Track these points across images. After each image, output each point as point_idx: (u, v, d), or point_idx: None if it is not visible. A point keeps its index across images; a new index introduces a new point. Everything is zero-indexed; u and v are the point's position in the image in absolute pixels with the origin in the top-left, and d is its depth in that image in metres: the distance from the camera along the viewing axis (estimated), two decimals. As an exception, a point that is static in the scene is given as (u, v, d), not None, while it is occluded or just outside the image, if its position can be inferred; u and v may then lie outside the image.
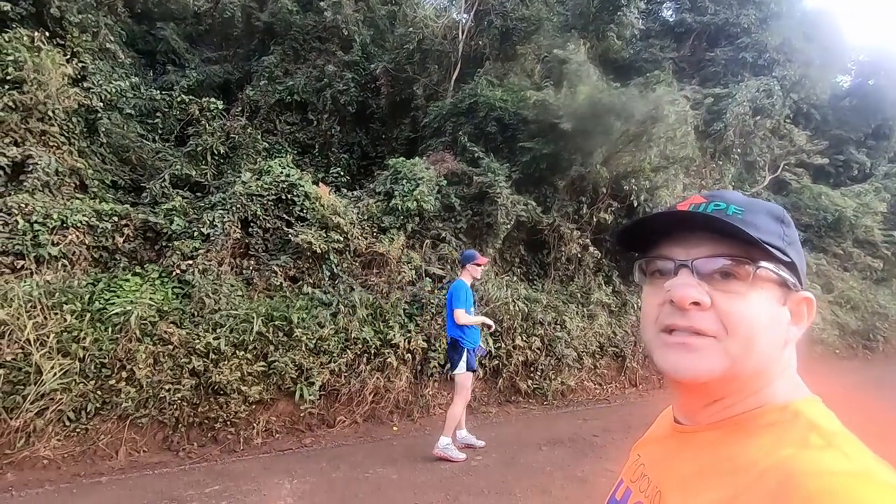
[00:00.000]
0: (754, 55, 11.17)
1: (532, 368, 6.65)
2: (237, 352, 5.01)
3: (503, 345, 6.47)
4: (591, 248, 7.93)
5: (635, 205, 7.91)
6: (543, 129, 7.60)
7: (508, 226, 7.11)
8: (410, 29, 9.59)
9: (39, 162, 5.48)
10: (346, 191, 7.32)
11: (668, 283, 0.65)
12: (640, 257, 0.72)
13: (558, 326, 7.03)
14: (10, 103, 5.46)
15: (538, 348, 6.70)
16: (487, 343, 6.28)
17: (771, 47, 11.19)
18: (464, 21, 9.87)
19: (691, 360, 0.62)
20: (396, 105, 9.87)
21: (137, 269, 5.39)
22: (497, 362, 6.39)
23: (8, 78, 5.48)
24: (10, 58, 5.50)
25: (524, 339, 6.64)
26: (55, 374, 4.23)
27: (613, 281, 8.30)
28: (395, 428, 5.40)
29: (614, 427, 5.63)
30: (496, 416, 5.98)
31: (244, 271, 5.82)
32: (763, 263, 0.62)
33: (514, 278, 7.44)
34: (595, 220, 7.99)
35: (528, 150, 7.72)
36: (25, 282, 4.62)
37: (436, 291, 6.42)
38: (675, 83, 8.93)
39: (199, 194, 6.83)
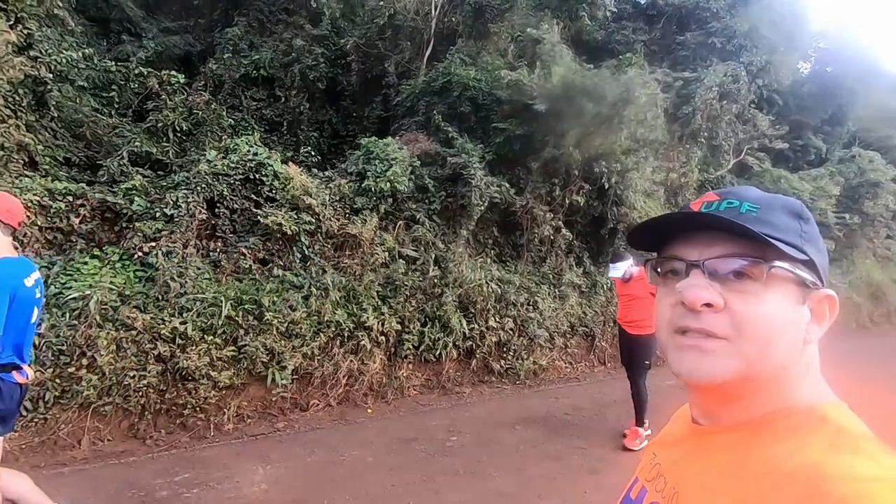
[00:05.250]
0: (723, 40, 11.36)
1: (505, 349, 6.74)
2: (205, 336, 4.87)
3: (476, 326, 6.52)
4: (564, 230, 8.02)
5: (606, 187, 8.01)
6: (517, 110, 7.55)
7: (482, 207, 7.09)
8: (381, 3, 9.30)
9: (-17, 137, 5.10)
10: (316, 171, 7.12)
11: (679, 284, 0.64)
12: (649, 258, 0.70)
13: (531, 307, 7.13)
14: (-53, 72, 5.03)
15: (511, 329, 6.79)
16: (461, 324, 6.32)
17: (739, 33, 11.39)
18: (437, -3, 9.63)
19: (704, 362, 0.61)
20: (368, 82, 9.61)
21: (96, 252, 5.12)
22: (471, 343, 6.44)
23: (-57, 44, 5.04)
24: (-55, 22, 5.04)
25: (497, 319, 6.71)
26: (9, 362, 4.01)
27: (584, 262, 8.44)
28: (369, 410, 5.40)
29: (585, 405, 5.80)
30: (469, 397, 6.05)
31: (211, 254, 5.62)
32: (777, 263, 0.60)
33: (488, 260, 7.47)
34: (567, 202, 8.06)
35: (501, 130, 7.67)
36: (-28, 265, 4.32)
37: (409, 273, 6.38)
38: (647, 66, 9.00)
39: (160, 173, 6.51)
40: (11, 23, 6.06)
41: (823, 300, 0.64)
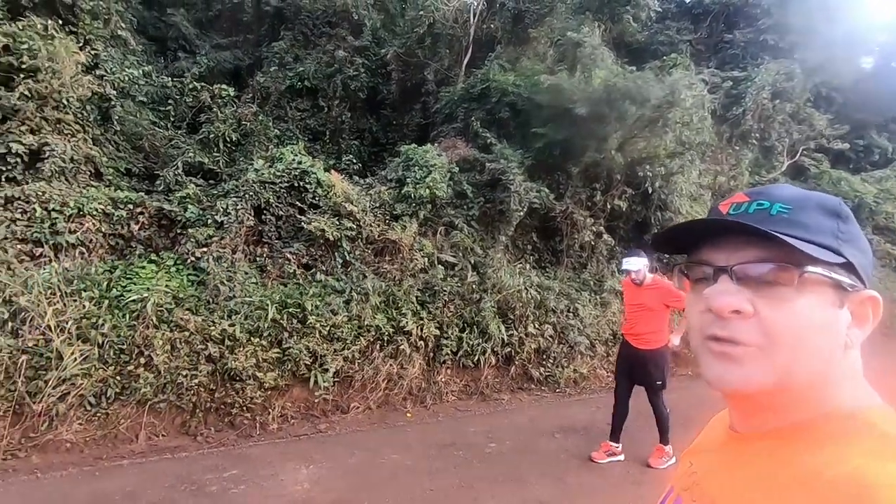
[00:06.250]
0: (775, 37, 10.87)
1: (544, 356, 6.64)
2: (252, 338, 5.06)
3: (515, 332, 6.46)
4: (605, 236, 7.86)
5: (650, 191, 7.80)
6: (557, 115, 7.47)
7: (521, 213, 7.05)
8: (421, 12, 9.43)
9: (55, 150, 5.51)
10: (357, 178, 7.29)
11: (707, 290, 0.62)
12: (676, 262, 0.69)
13: (571, 314, 7.01)
14: (26, 92, 5.48)
15: (550, 336, 6.69)
16: (500, 330, 6.28)
17: (793, 29, 10.86)
18: (475, 4, 9.69)
19: (735, 371, 0.59)
20: (407, 91, 9.77)
21: (153, 257, 5.43)
22: (509, 350, 6.39)
23: (23, 66, 5.49)
24: (25, 46, 5.50)
25: (536, 326, 6.62)
26: (75, 359, 4.30)
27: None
28: (408, 414, 5.45)
29: (631, 414, 5.62)
30: (508, 404, 6.00)
31: (258, 259, 5.85)
32: (810, 268, 0.57)
33: (527, 266, 7.40)
34: (609, 207, 7.90)
35: (541, 135, 7.61)
36: (44, 269, 4.68)
37: (448, 279, 6.41)
38: (693, 66, 8.73)
39: (211, 182, 6.84)
40: (81, 44, 6.53)
41: (865, 302, 0.61)
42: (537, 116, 7.83)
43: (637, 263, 4.23)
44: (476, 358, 6.14)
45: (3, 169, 5.33)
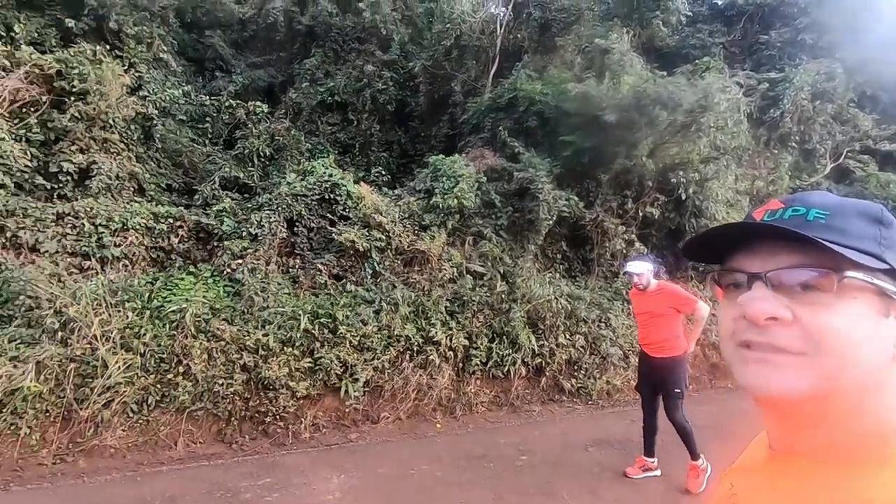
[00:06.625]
0: (814, 36, 10.47)
1: (576, 367, 6.52)
2: (285, 348, 5.16)
3: (546, 343, 6.37)
4: (637, 244, 7.69)
5: (683, 198, 7.60)
6: (585, 122, 7.40)
7: (550, 221, 6.98)
8: (448, 25, 9.56)
9: (102, 168, 5.81)
10: (386, 189, 7.39)
11: (740, 297, 0.60)
12: (706, 269, 0.67)
13: (602, 324, 6.86)
14: (76, 114, 5.82)
15: (582, 346, 6.56)
16: (530, 340, 6.21)
17: (832, 28, 10.46)
18: (501, 15, 9.76)
19: (774, 377, 0.57)
20: (435, 102, 9.88)
21: (191, 269, 5.64)
22: (540, 360, 6.30)
23: (74, 90, 5.83)
24: (76, 71, 5.84)
25: (567, 336, 6.52)
26: (119, 367, 4.49)
27: (661, 277, 8.01)
28: (438, 425, 5.43)
29: (664, 428, 5.43)
30: (539, 415, 5.90)
31: (290, 270, 5.99)
32: (850, 273, 0.55)
33: (556, 275, 7.31)
34: (641, 214, 7.74)
35: (569, 143, 7.54)
36: (91, 281, 4.91)
37: (477, 288, 6.39)
38: (726, 69, 8.51)
39: (246, 195, 7.07)
40: (126, 67, 6.91)
41: None
42: (565, 124, 7.77)
43: (640, 266, 4.11)
44: (506, 369, 6.08)
45: (56, 187, 5.66)
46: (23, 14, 6.65)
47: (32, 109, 5.71)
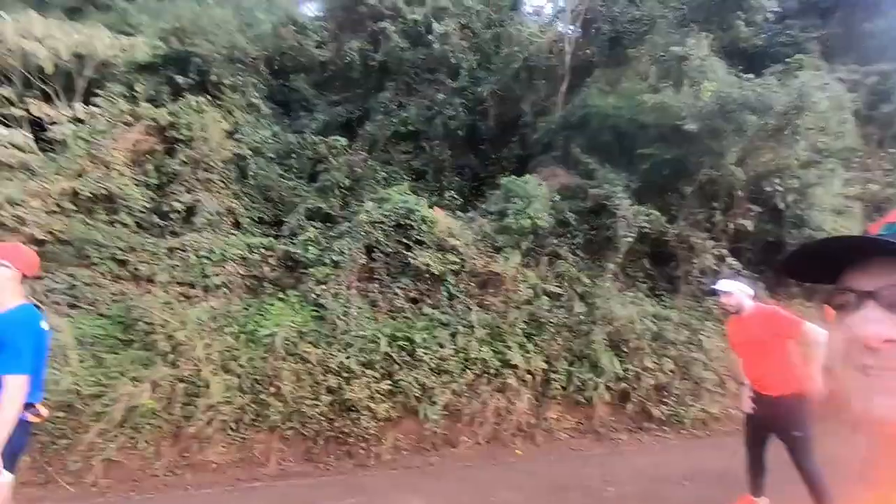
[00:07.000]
0: (930, 20, 9.31)
1: (665, 393, 6.09)
2: (366, 370, 5.33)
3: (631, 366, 6.03)
4: (730, 259, 7.10)
5: (781, 207, 6.96)
6: (664, 134, 7.07)
7: (630, 238, 6.68)
8: (515, 48, 9.64)
9: (205, 205, 6.46)
10: (459, 212, 7.49)
11: (850, 319, 0.55)
12: (819, 293, 0.61)
13: (694, 347, 6.37)
14: (184, 158, 6.55)
15: (671, 371, 6.13)
16: (613, 364, 5.92)
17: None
18: (570, 33, 9.68)
19: None
20: (505, 124, 9.93)
21: (281, 295, 6.03)
22: (625, 385, 5.97)
23: (182, 138, 6.59)
24: (184, 121, 6.61)
25: (654, 360, 6.12)
26: (220, 388, 4.87)
27: (760, 294, 7.32)
28: (518, 452, 5.29)
29: (770, 461, 4.89)
30: (626, 444, 5.56)
31: (369, 294, 6.20)
32: None
33: (640, 294, 6.93)
34: (732, 227, 7.18)
35: (647, 156, 7.23)
36: (196, 308, 5.42)
37: (554, 310, 6.23)
38: (825, 65, 7.77)
39: (328, 224, 7.48)
40: (224, 114, 7.69)
41: None
42: (642, 137, 7.47)
43: (730, 285, 3.62)
44: (588, 394, 5.82)
45: (167, 224, 6.36)
46: (143, 75, 7.66)
47: (149, 157, 6.51)
